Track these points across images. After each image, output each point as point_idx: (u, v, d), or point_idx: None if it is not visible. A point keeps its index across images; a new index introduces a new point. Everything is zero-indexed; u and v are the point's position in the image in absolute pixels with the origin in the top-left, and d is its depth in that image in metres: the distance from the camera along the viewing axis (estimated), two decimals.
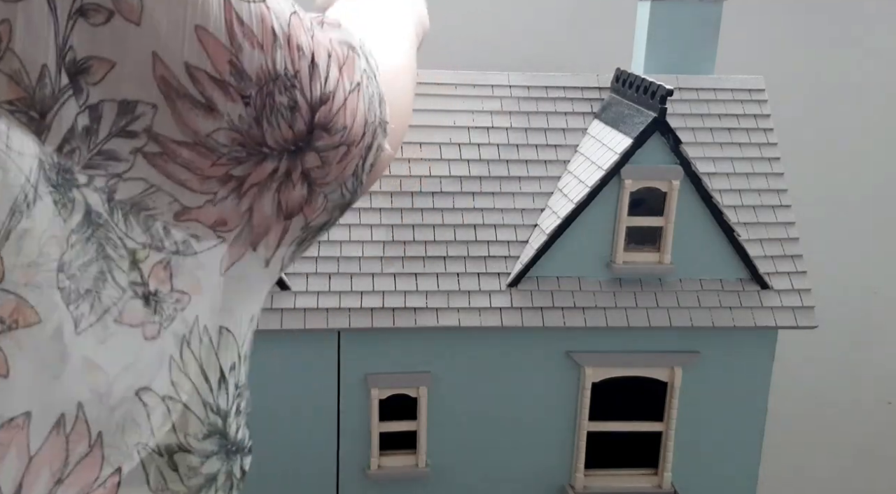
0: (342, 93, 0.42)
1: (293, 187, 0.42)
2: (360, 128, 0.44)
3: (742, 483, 1.39)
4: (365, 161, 0.45)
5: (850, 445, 2.13)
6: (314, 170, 0.42)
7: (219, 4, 0.35)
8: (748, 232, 1.32)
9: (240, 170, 0.38)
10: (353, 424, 1.30)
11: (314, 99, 0.40)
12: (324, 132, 0.41)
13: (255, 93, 0.37)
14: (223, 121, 0.37)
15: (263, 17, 0.37)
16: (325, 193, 0.44)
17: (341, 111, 0.42)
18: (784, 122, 1.46)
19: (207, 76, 0.36)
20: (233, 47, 0.36)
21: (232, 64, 0.36)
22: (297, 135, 0.40)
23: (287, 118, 0.39)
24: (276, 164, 0.40)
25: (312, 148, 0.41)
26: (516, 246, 1.29)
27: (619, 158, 1.22)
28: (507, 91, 1.40)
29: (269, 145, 0.39)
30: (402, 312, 1.23)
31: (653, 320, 1.26)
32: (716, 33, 1.38)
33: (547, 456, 1.34)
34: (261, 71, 0.37)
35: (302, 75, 0.39)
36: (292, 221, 0.43)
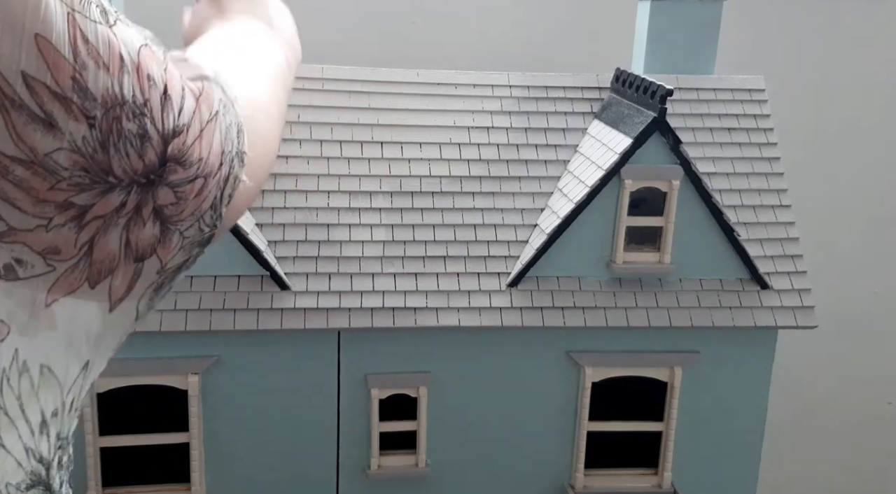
0: (198, 124, 0.40)
1: (143, 225, 0.39)
2: (217, 158, 0.41)
3: (742, 483, 1.38)
4: (223, 192, 0.43)
5: (850, 445, 2.13)
6: (168, 207, 0.39)
7: (63, 17, 0.33)
8: (748, 232, 1.32)
9: (82, 199, 0.36)
10: (353, 424, 1.30)
11: (166, 130, 0.38)
12: (178, 165, 0.39)
13: (100, 115, 0.35)
14: (64, 141, 0.34)
15: (111, 41, 0.35)
16: (180, 231, 0.41)
17: (196, 143, 0.39)
18: (784, 122, 1.46)
19: (47, 89, 0.33)
20: (76, 63, 0.34)
21: (75, 80, 0.34)
22: (148, 166, 0.37)
23: (136, 147, 0.37)
24: (124, 197, 0.37)
25: (165, 182, 0.39)
26: (516, 246, 1.29)
27: (619, 158, 1.22)
28: (507, 91, 1.40)
29: (117, 174, 0.36)
30: (402, 312, 1.23)
31: (653, 320, 1.26)
32: (716, 33, 1.38)
33: (547, 456, 1.34)
34: (107, 93, 0.35)
35: (153, 104, 0.37)
36: (144, 264, 0.40)
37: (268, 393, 1.26)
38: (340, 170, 1.30)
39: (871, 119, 1.94)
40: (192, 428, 1.24)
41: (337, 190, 1.29)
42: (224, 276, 1.21)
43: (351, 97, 1.36)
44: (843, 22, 1.88)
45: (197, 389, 1.22)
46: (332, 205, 1.28)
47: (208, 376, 1.23)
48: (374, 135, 1.34)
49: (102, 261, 0.38)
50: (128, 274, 0.39)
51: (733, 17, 1.44)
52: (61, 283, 0.37)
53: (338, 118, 1.34)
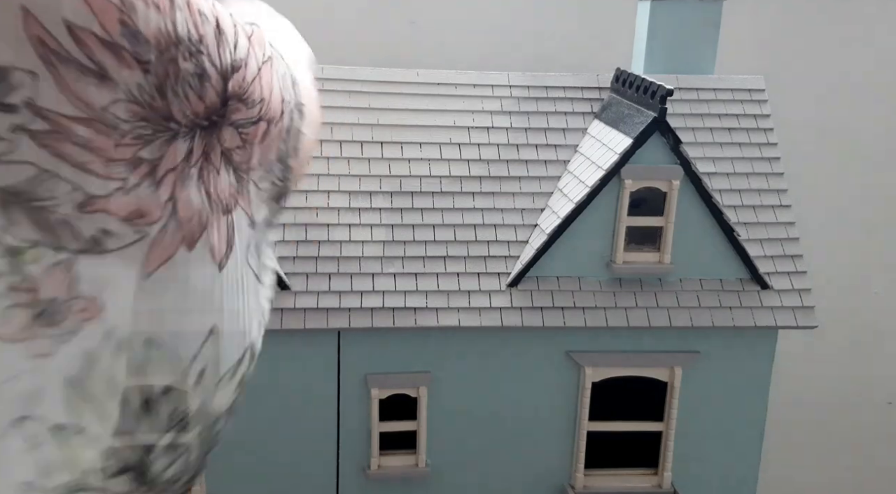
0: (255, 62, 0.37)
1: (217, 172, 0.36)
2: (278, 104, 0.39)
3: (742, 483, 1.38)
4: (287, 144, 0.41)
5: (850, 445, 2.13)
6: (235, 152, 0.37)
7: None
8: (748, 232, 1.32)
9: (149, 152, 0.33)
10: (353, 424, 1.30)
11: (224, 66, 0.35)
12: (240, 103, 0.37)
13: (154, 58, 0.32)
14: (119, 91, 0.32)
15: None
16: (254, 181, 0.39)
17: (256, 81, 0.37)
18: (784, 122, 1.46)
19: (95, 38, 0.30)
20: (123, 5, 0.31)
21: (124, 23, 0.31)
22: (210, 106, 0.35)
23: (196, 88, 0.34)
24: (189, 144, 0.35)
25: (229, 122, 0.36)
26: (516, 246, 1.29)
27: (619, 158, 1.22)
28: (507, 91, 1.40)
29: (178, 119, 0.34)
30: (402, 312, 1.23)
31: (653, 320, 1.26)
32: (716, 33, 1.38)
33: (547, 456, 1.34)
34: (160, 34, 0.32)
35: (208, 40, 0.34)
36: (234, 217, 0.38)
37: (268, 392, 1.26)
38: (340, 170, 1.30)
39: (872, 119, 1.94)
40: None
41: (337, 190, 1.29)
42: None
43: (351, 97, 1.36)
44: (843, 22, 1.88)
45: None
46: (332, 205, 1.28)
47: None
48: (374, 135, 1.34)
49: (191, 219, 0.35)
50: (222, 228, 0.37)
51: (733, 17, 1.44)
52: (156, 250, 0.34)
53: (338, 118, 1.34)
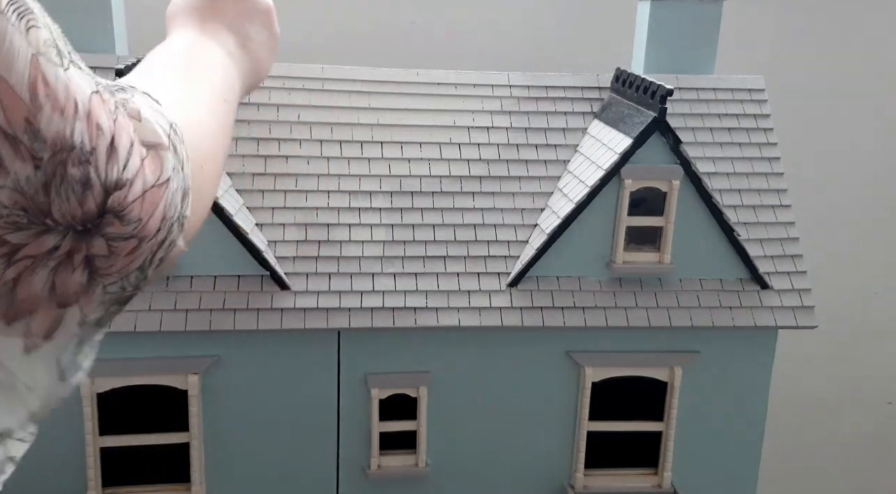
0: (141, 185, 0.39)
1: (72, 271, 0.39)
2: (157, 224, 0.41)
3: (742, 483, 1.39)
4: (154, 255, 0.43)
5: (850, 445, 2.13)
6: (99, 258, 0.39)
7: (26, 59, 0.34)
8: (748, 232, 1.32)
9: (16, 237, 0.36)
10: (353, 424, 1.30)
11: (109, 181, 0.38)
12: (116, 219, 0.39)
13: (47, 157, 0.35)
14: (8, 179, 0.34)
15: (68, 85, 0.35)
16: (104, 284, 0.41)
17: (138, 202, 0.39)
18: (784, 122, 1.46)
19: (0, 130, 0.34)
20: (32, 105, 0.34)
21: (28, 121, 0.34)
22: (86, 214, 0.37)
23: (77, 193, 0.37)
24: (58, 241, 0.37)
25: (101, 233, 0.39)
26: (516, 246, 1.29)
27: (619, 158, 1.22)
28: (507, 91, 1.40)
29: (55, 218, 0.36)
30: (402, 312, 1.23)
31: (653, 320, 1.27)
32: (716, 33, 1.38)
33: (547, 456, 1.34)
34: (57, 137, 0.35)
35: (99, 153, 0.37)
36: (66, 312, 0.40)
37: (268, 392, 1.26)
38: (340, 170, 1.31)
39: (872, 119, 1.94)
40: (192, 428, 1.24)
41: (337, 190, 1.29)
42: (224, 276, 1.21)
43: (351, 97, 1.36)
44: (843, 22, 1.88)
45: (197, 389, 1.22)
46: (332, 205, 1.28)
47: (208, 376, 1.23)
48: (374, 135, 1.34)
49: (24, 300, 0.37)
50: (48, 317, 0.38)
51: (733, 17, 1.44)
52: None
53: (338, 118, 1.34)
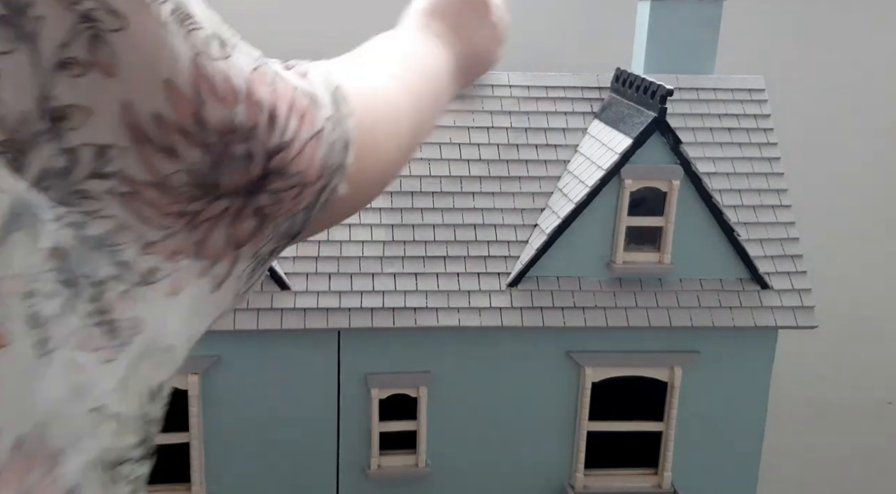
0: (299, 141, 0.45)
1: (244, 221, 0.44)
2: (317, 171, 0.47)
3: (742, 483, 1.38)
4: (318, 199, 0.48)
5: (850, 445, 2.13)
6: (266, 207, 0.45)
7: (187, 59, 0.38)
8: (748, 232, 1.32)
9: (194, 206, 0.41)
10: (353, 424, 1.30)
11: (270, 148, 0.43)
12: (277, 177, 0.44)
13: (214, 141, 0.40)
14: (182, 163, 0.40)
15: (227, 74, 0.40)
16: (274, 223, 0.47)
17: (297, 158, 0.45)
18: (784, 122, 1.46)
19: (172, 125, 0.39)
20: (197, 101, 0.39)
21: (195, 115, 0.39)
22: (251, 180, 0.43)
23: (241, 167, 0.42)
24: (228, 203, 0.43)
25: (266, 189, 0.44)
26: (516, 246, 1.29)
27: (619, 158, 1.22)
28: (507, 91, 1.40)
29: (224, 187, 0.42)
30: (402, 312, 1.23)
31: (653, 320, 1.26)
32: (716, 33, 1.38)
33: (547, 456, 1.34)
34: (221, 123, 0.40)
35: (259, 127, 0.42)
36: (242, 251, 0.46)
37: (268, 393, 1.26)
38: None
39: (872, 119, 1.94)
40: (192, 428, 1.24)
41: None
42: None
43: None
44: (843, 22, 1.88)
45: (197, 389, 1.22)
46: None
47: (208, 376, 1.23)
48: None
49: (209, 255, 0.44)
50: (228, 260, 0.45)
51: (733, 17, 1.44)
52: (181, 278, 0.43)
53: None
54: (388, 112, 0.57)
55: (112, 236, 0.40)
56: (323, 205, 0.49)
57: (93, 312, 0.39)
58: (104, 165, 0.39)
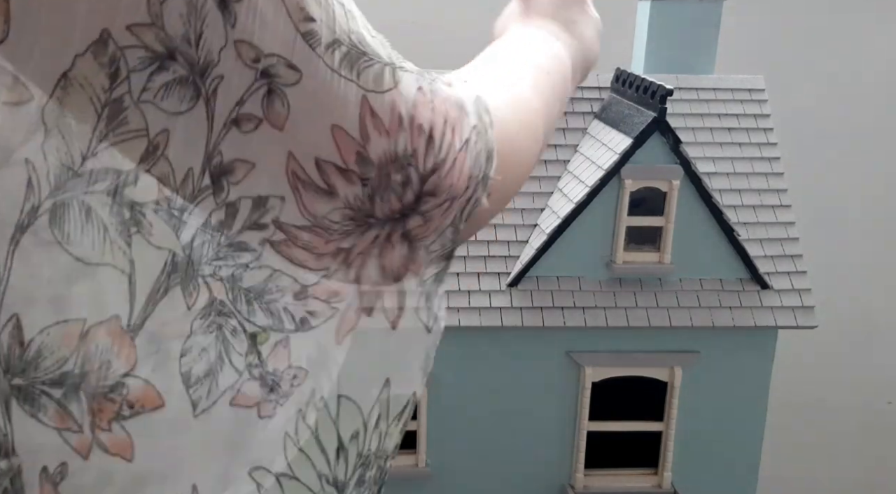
0: (452, 155, 0.44)
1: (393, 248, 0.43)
2: (464, 182, 0.45)
3: (742, 483, 1.38)
4: (463, 212, 0.47)
5: (850, 445, 2.13)
6: (415, 229, 0.44)
7: (356, 101, 0.34)
8: (748, 232, 1.32)
9: (347, 242, 0.37)
10: None
11: (426, 171, 0.42)
12: (430, 197, 0.43)
13: (374, 174, 0.36)
14: (340, 202, 0.36)
15: (394, 104, 0.35)
16: (425, 246, 0.45)
17: (449, 173, 0.44)
18: (784, 122, 1.46)
19: (334, 167, 0.35)
20: (362, 139, 0.35)
21: (359, 154, 0.35)
22: (406, 204, 0.38)
23: (398, 193, 0.40)
24: (379, 231, 0.38)
25: (418, 212, 0.43)
26: (516, 246, 1.29)
27: (619, 158, 1.22)
28: None
29: (377, 216, 0.37)
30: None
31: (653, 320, 1.26)
32: (716, 33, 1.38)
33: (547, 456, 1.34)
34: (383, 155, 0.36)
35: (419, 152, 0.37)
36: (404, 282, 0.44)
37: None
38: None
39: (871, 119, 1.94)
40: None
41: None
42: None
43: None
44: (843, 21, 1.88)
45: None
46: None
47: None
48: None
49: (369, 291, 0.39)
50: (393, 294, 0.40)
51: (733, 17, 1.44)
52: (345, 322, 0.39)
53: None
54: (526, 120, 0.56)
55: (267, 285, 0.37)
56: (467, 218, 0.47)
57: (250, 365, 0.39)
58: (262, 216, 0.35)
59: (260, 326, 0.36)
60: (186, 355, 0.34)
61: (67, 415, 0.33)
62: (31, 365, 0.32)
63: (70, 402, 0.32)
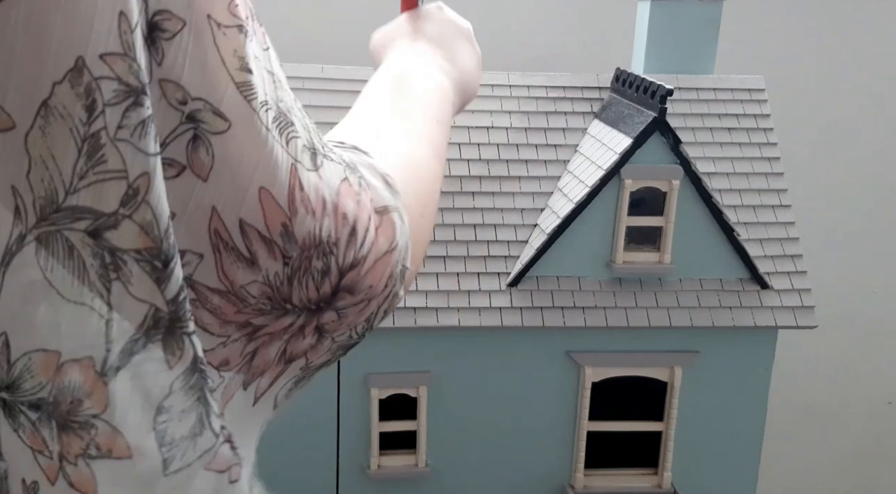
0: (373, 256, 0.42)
1: (303, 338, 0.42)
2: (384, 283, 0.44)
3: (742, 483, 1.38)
4: (380, 308, 0.46)
5: (850, 445, 2.13)
6: (329, 324, 0.43)
7: (286, 168, 0.36)
8: (748, 232, 1.32)
9: (260, 320, 0.39)
10: (353, 424, 1.30)
11: (345, 265, 0.41)
12: (347, 294, 0.42)
13: (296, 255, 0.38)
14: (260, 275, 0.38)
15: (318, 186, 0.38)
16: (332, 337, 0.44)
17: (369, 273, 0.42)
18: (784, 122, 1.46)
19: (258, 234, 0.36)
20: (289, 211, 0.37)
21: (284, 226, 0.37)
22: (322, 296, 0.40)
23: (317, 281, 0.40)
24: (293, 319, 0.40)
25: (333, 307, 0.42)
26: (516, 246, 1.29)
27: (619, 158, 1.22)
28: (507, 91, 1.40)
29: (294, 303, 0.40)
30: (402, 312, 1.23)
31: (653, 320, 1.26)
32: (716, 33, 1.38)
33: (547, 456, 1.34)
34: (307, 236, 0.38)
35: (341, 242, 0.40)
36: (291, 364, 0.43)
37: None
38: None
39: (872, 119, 1.94)
40: None
41: None
42: None
43: (351, 97, 1.36)
44: (843, 21, 1.88)
45: None
46: None
47: None
48: None
49: (258, 367, 0.41)
50: (274, 373, 0.42)
51: (733, 17, 1.44)
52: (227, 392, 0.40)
53: (338, 118, 1.34)
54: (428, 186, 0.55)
55: None
56: (383, 315, 0.47)
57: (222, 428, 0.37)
58: None
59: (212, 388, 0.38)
60: (163, 414, 0.34)
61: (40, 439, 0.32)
62: (14, 384, 0.31)
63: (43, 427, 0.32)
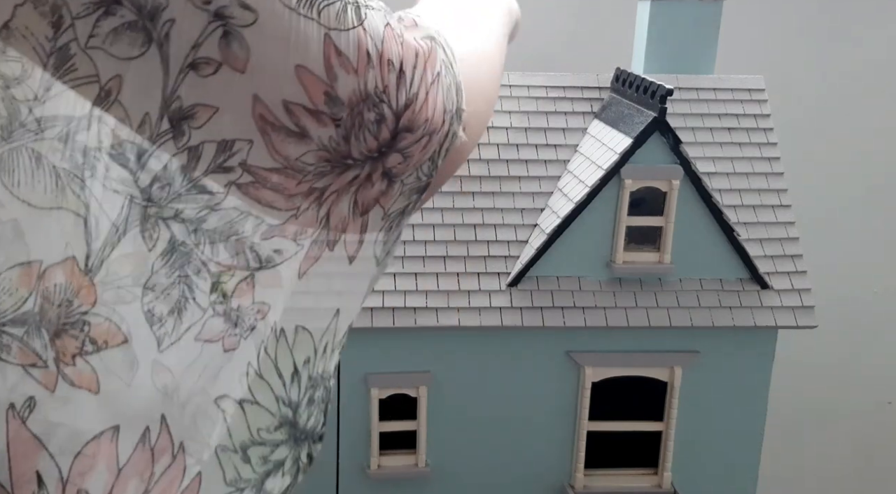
0: (424, 89, 0.42)
1: (372, 186, 0.42)
2: (440, 116, 0.44)
3: (742, 483, 1.38)
4: (441, 146, 0.45)
5: (850, 445, 2.13)
6: (395, 167, 0.43)
7: (318, 40, 0.36)
8: (748, 232, 1.32)
9: (322, 182, 0.39)
10: (353, 424, 1.30)
11: (399, 107, 0.40)
12: (407, 133, 0.41)
13: (346, 115, 0.38)
14: (313, 144, 0.38)
15: (360, 41, 0.37)
16: (401, 180, 0.44)
17: (423, 107, 0.42)
18: (784, 122, 1.46)
19: (303, 109, 0.37)
20: (328, 79, 0.37)
21: (327, 94, 0.37)
22: (382, 143, 0.40)
23: (374, 131, 0.40)
24: (357, 172, 0.41)
25: (396, 150, 0.41)
26: (516, 245, 1.29)
27: (619, 158, 1.22)
28: (506, 91, 1.40)
29: (354, 157, 0.40)
30: (401, 312, 1.23)
31: (653, 320, 1.26)
32: (716, 33, 1.38)
33: (547, 456, 1.34)
34: (353, 94, 0.38)
35: (390, 88, 0.39)
36: (370, 215, 0.44)
37: None
38: None
39: (872, 119, 1.94)
40: None
41: None
42: None
43: None
44: (842, 21, 1.88)
45: None
46: None
47: None
48: None
49: (336, 226, 0.42)
50: (356, 226, 0.43)
51: (733, 17, 1.44)
52: (309, 256, 0.41)
53: None
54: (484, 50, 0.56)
55: (232, 227, 0.38)
56: (445, 154, 0.47)
57: (214, 302, 0.38)
58: (228, 159, 0.37)
59: (225, 265, 0.38)
60: (148, 294, 0.35)
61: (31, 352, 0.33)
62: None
63: (32, 339, 0.32)
